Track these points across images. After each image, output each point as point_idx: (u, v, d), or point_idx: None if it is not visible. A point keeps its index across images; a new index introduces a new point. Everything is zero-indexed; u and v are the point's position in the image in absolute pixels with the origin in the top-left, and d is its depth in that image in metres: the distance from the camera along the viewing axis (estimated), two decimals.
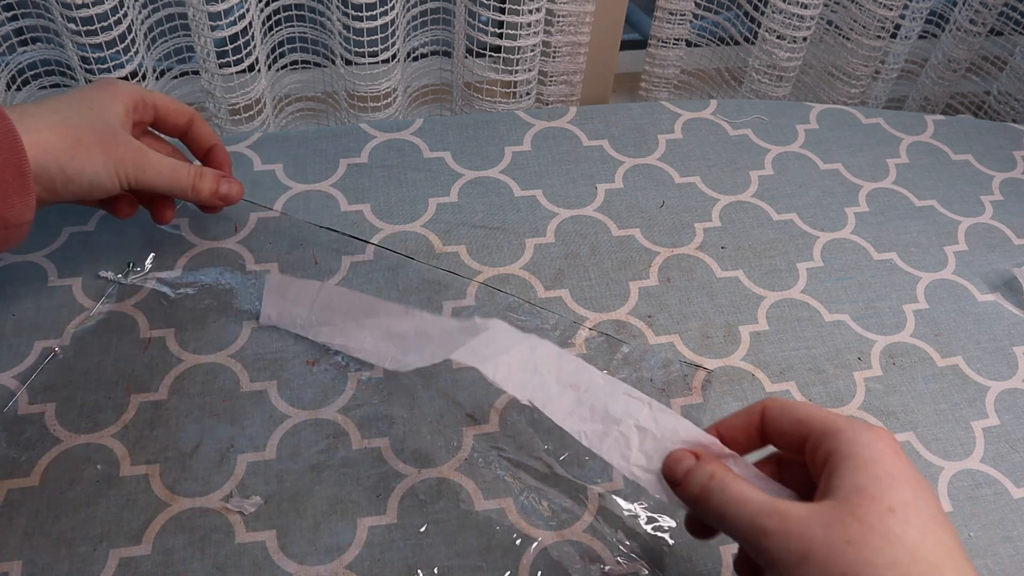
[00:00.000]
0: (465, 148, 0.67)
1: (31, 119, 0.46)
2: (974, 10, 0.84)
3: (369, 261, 0.59)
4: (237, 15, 0.67)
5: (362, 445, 0.50)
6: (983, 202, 0.68)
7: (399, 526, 0.47)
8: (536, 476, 0.49)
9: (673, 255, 0.61)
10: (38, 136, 0.45)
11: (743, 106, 0.74)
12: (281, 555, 0.45)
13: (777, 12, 0.78)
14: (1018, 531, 0.49)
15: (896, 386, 0.55)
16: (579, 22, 0.76)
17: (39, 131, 0.46)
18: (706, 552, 0.47)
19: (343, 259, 0.59)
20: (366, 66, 0.73)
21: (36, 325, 0.54)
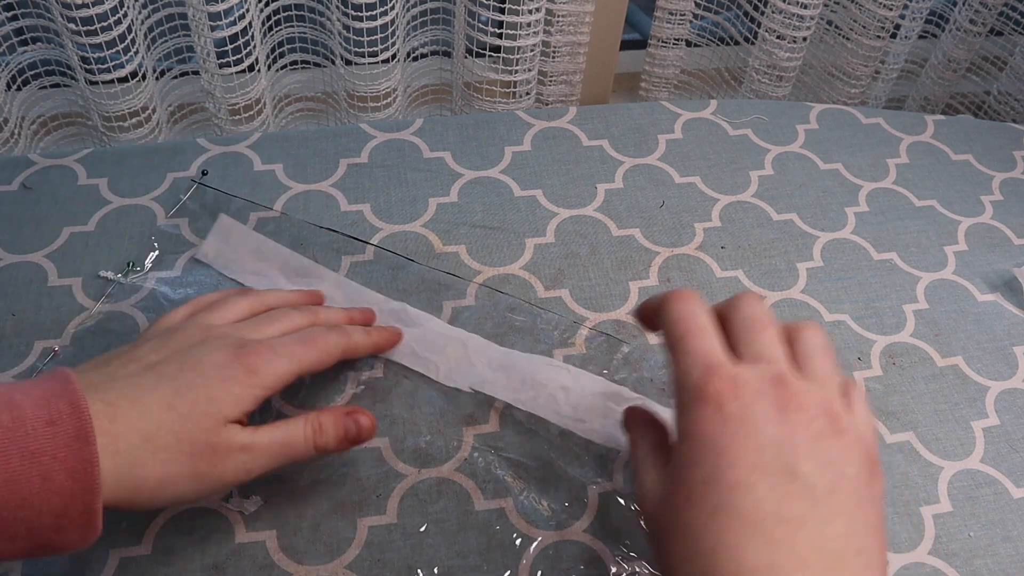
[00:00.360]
0: (465, 148, 0.68)
1: (111, 424, 0.37)
2: (974, 10, 0.84)
3: (369, 261, 0.59)
4: (237, 15, 0.67)
5: (362, 445, 0.49)
6: (983, 202, 0.68)
7: (399, 526, 0.47)
8: (536, 476, 0.49)
9: (673, 255, 0.61)
10: (115, 463, 0.37)
11: (743, 106, 0.74)
12: (281, 555, 0.45)
13: (777, 12, 0.78)
14: (1018, 531, 0.49)
15: (896, 386, 0.55)
16: (579, 22, 0.76)
17: (116, 454, 0.37)
18: None
19: (343, 259, 0.59)
20: (366, 66, 0.73)
21: (36, 325, 0.54)
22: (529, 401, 0.51)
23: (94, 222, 0.60)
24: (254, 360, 0.42)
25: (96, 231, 0.59)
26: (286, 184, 0.63)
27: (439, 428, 0.51)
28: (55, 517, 0.35)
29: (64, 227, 0.59)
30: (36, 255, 0.57)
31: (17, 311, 0.54)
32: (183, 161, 0.64)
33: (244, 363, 0.42)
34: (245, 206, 0.61)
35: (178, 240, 0.59)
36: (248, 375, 0.42)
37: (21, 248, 0.58)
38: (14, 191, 0.61)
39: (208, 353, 0.42)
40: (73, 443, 0.35)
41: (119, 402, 0.38)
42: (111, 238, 0.59)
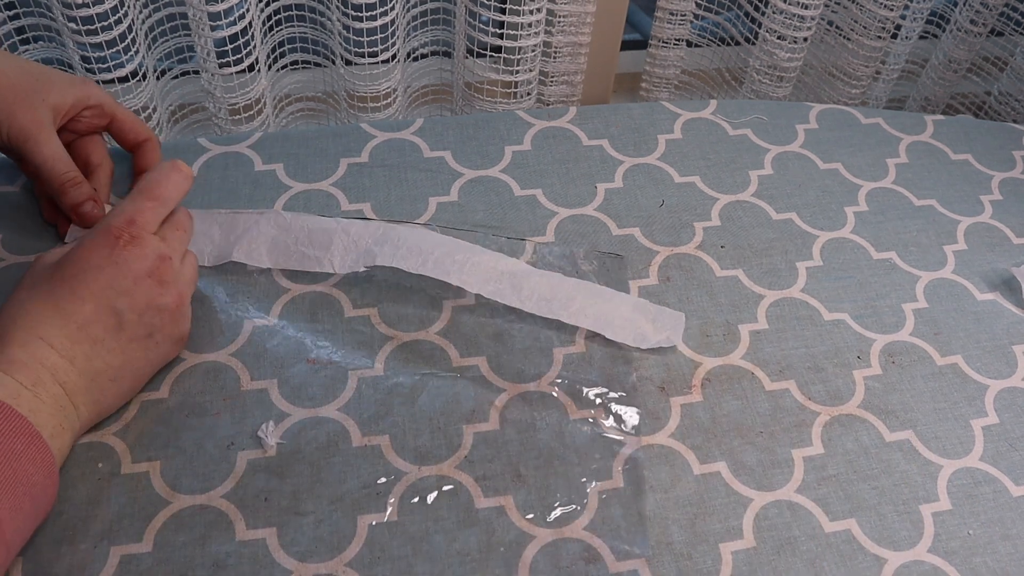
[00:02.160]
0: (465, 147, 0.68)
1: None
2: (975, 11, 0.84)
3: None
4: (237, 15, 0.67)
5: (362, 443, 0.50)
6: (983, 202, 0.68)
7: (399, 524, 0.47)
8: (537, 473, 0.49)
9: (673, 254, 0.62)
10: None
11: (743, 106, 0.74)
12: (281, 553, 0.45)
13: (778, 12, 0.78)
14: (1017, 529, 0.49)
15: (895, 385, 0.55)
16: (580, 22, 0.76)
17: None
18: (706, 551, 0.47)
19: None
20: (366, 66, 0.73)
21: None
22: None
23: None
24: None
25: None
26: (287, 184, 0.64)
27: (439, 426, 0.51)
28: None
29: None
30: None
31: None
32: (184, 161, 0.64)
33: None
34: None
35: None
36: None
37: (22, 248, 0.58)
38: (16, 191, 0.61)
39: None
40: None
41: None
42: None
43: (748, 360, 0.56)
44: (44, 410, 0.43)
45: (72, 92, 0.55)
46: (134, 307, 0.46)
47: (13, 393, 0.42)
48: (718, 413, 0.53)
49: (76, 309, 0.45)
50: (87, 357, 0.45)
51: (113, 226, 0.47)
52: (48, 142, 0.54)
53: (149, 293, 0.47)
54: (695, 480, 0.50)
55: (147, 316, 0.47)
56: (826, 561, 0.47)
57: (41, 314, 0.45)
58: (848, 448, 0.52)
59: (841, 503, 0.49)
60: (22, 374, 0.43)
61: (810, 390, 0.54)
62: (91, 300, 0.45)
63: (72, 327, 0.45)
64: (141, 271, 0.47)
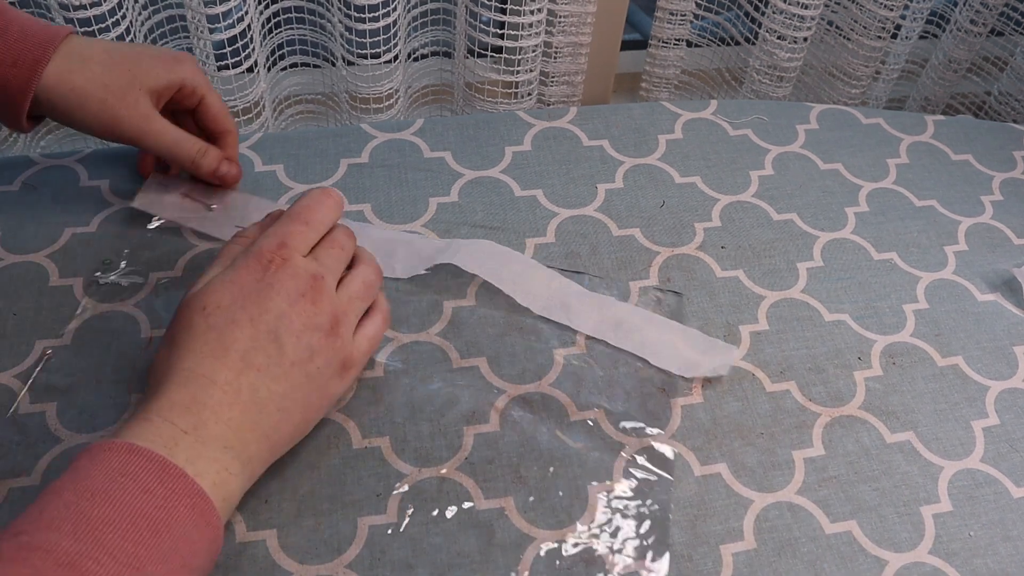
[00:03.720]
0: (465, 148, 0.68)
1: (80, 47, 0.53)
2: (975, 10, 0.84)
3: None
4: (236, 17, 0.67)
5: (362, 444, 0.50)
6: (983, 202, 0.68)
7: (399, 525, 0.47)
8: (537, 475, 0.49)
9: (673, 255, 0.62)
10: (69, 73, 0.52)
11: (743, 106, 0.74)
12: (281, 554, 0.45)
13: (777, 12, 0.78)
14: (1018, 530, 0.49)
15: (896, 386, 0.55)
16: (580, 23, 0.76)
17: (72, 70, 0.52)
18: (706, 552, 0.47)
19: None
20: (367, 67, 0.73)
21: (36, 325, 0.54)
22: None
23: (95, 223, 0.60)
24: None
25: (97, 231, 0.59)
26: (287, 184, 0.63)
27: (439, 427, 0.51)
28: None
29: (65, 227, 0.59)
30: (36, 255, 0.58)
31: (18, 311, 0.54)
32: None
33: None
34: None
35: (179, 242, 0.59)
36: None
37: (22, 248, 0.58)
38: (15, 191, 0.61)
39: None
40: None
41: (89, 43, 0.54)
42: (112, 239, 0.59)
43: (749, 361, 0.56)
44: (207, 455, 0.40)
45: (165, 75, 0.55)
46: (291, 329, 0.44)
47: (170, 441, 0.39)
48: (719, 414, 0.53)
49: (236, 336, 0.43)
50: (252, 388, 0.43)
51: (264, 249, 0.46)
52: (162, 130, 0.55)
53: (304, 313, 0.44)
54: (695, 481, 0.50)
55: (305, 337, 0.44)
56: (827, 563, 0.47)
57: (201, 350, 0.43)
58: (849, 449, 0.52)
59: (842, 504, 0.49)
60: (182, 417, 0.40)
61: (811, 391, 0.54)
62: (249, 326, 0.43)
63: (234, 356, 0.43)
64: (295, 292, 0.45)
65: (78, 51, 0.53)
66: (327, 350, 0.45)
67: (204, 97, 0.58)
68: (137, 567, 0.35)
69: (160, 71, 0.55)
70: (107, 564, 0.34)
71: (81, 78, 0.52)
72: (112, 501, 0.36)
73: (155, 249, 0.58)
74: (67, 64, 0.52)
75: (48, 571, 0.33)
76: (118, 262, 0.57)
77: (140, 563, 0.35)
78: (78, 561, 0.33)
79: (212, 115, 0.58)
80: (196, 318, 0.44)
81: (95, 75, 0.53)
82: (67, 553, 0.33)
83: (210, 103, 0.58)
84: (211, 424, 0.41)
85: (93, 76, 0.52)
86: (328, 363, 0.45)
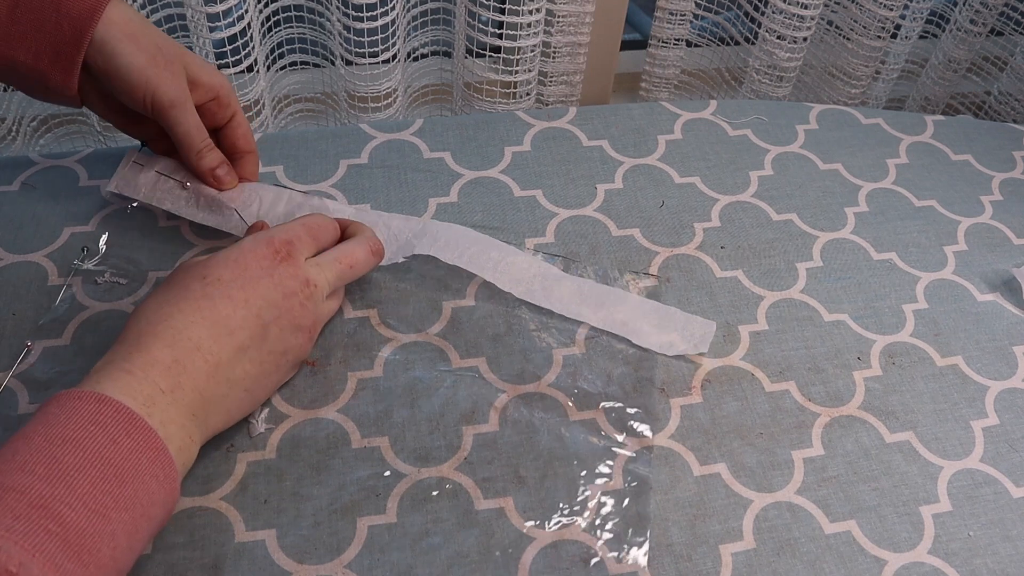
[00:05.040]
0: (465, 148, 0.68)
1: (137, 17, 0.52)
2: (974, 10, 0.84)
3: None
4: (236, 16, 0.67)
5: (362, 444, 0.50)
6: (983, 202, 0.68)
7: (399, 525, 0.47)
8: (536, 475, 0.49)
9: (673, 255, 0.62)
10: (129, 21, 0.51)
11: (743, 106, 0.74)
12: (280, 554, 0.45)
13: (777, 12, 0.78)
14: (1018, 530, 0.49)
15: (896, 386, 0.55)
16: (579, 22, 0.76)
17: (132, 20, 0.51)
18: (706, 552, 0.47)
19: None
20: (366, 67, 0.73)
21: (36, 325, 0.54)
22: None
23: (95, 222, 0.60)
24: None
25: (97, 231, 0.59)
26: (286, 185, 0.63)
27: (439, 427, 0.51)
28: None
29: (64, 227, 0.59)
30: (36, 255, 0.58)
31: (17, 311, 0.54)
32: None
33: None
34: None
35: (179, 241, 0.59)
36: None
37: (21, 248, 0.58)
38: (15, 191, 0.61)
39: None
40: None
41: (142, 20, 0.53)
42: (112, 238, 0.59)
43: (748, 361, 0.56)
44: (177, 419, 0.42)
45: (207, 74, 0.56)
46: (279, 322, 0.47)
47: (148, 399, 0.41)
48: (718, 414, 0.53)
49: (230, 313, 0.45)
50: (230, 363, 0.45)
51: (275, 239, 0.48)
52: (189, 110, 0.55)
53: (293, 312, 0.47)
54: (695, 481, 0.50)
55: (287, 333, 0.47)
56: (826, 562, 0.47)
57: (192, 314, 0.44)
58: (848, 449, 0.52)
59: (841, 504, 0.49)
60: (162, 377, 0.42)
61: (810, 391, 0.54)
62: (244, 307, 0.45)
63: (222, 330, 0.44)
64: (291, 289, 0.47)
65: (134, 12, 0.53)
66: (298, 349, 0.49)
67: (236, 113, 0.58)
68: (104, 514, 0.36)
69: (204, 70, 0.56)
70: (78, 509, 0.35)
71: (138, 28, 0.52)
72: (82, 448, 0.37)
73: (133, 236, 0.58)
74: (128, 13, 0.52)
75: (22, 511, 0.34)
76: (96, 249, 0.57)
77: (106, 510, 0.36)
78: (51, 504, 0.35)
79: (241, 133, 0.59)
80: (194, 283, 0.45)
81: (152, 34, 0.53)
82: (40, 495, 0.35)
83: (240, 120, 0.59)
84: (187, 389, 0.42)
85: (150, 33, 0.52)
86: (296, 360, 0.50)
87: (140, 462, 0.39)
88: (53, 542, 0.34)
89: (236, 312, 0.45)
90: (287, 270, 0.47)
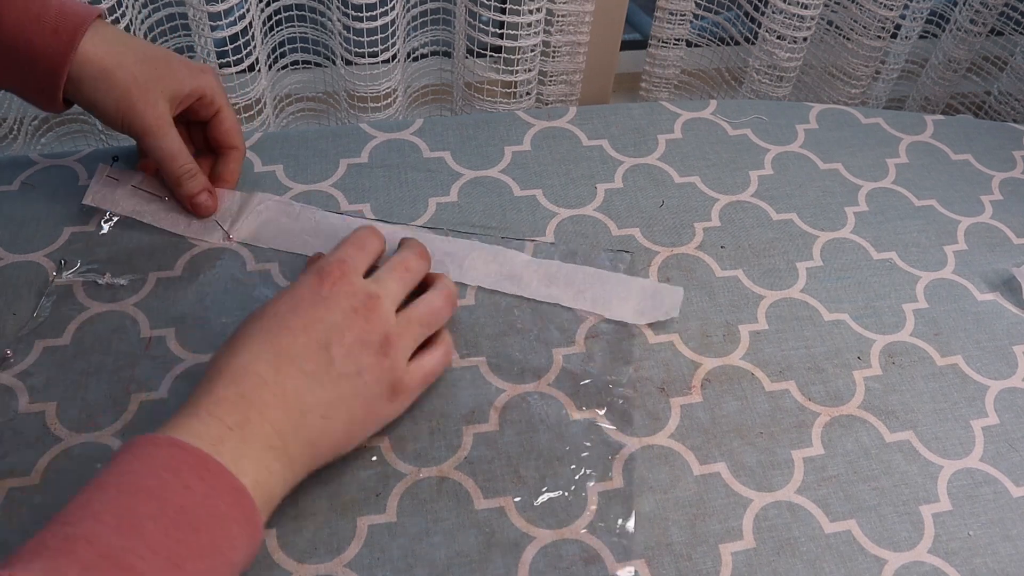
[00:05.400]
0: (465, 148, 0.68)
1: (114, 32, 0.54)
2: (974, 10, 0.84)
3: None
4: (237, 15, 0.67)
5: (362, 444, 0.50)
6: (983, 202, 0.68)
7: (399, 525, 0.47)
8: (536, 475, 0.49)
9: (673, 255, 0.62)
10: (105, 54, 0.53)
11: (743, 106, 0.74)
12: (280, 554, 0.45)
13: (777, 12, 0.78)
14: (1018, 530, 0.49)
15: (896, 385, 0.55)
16: (579, 22, 0.76)
17: (109, 52, 0.53)
18: (705, 551, 0.47)
19: None
20: (366, 66, 0.73)
21: (36, 325, 0.54)
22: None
23: (95, 222, 0.60)
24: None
25: (97, 231, 0.59)
26: (287, 185, 0.63)
27: (439, 427, 0.51)
28: None
29: (64, 227, 0.59)
30: (36, 255, 0.58)
31: (17, 311, 0.54)
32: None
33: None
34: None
35: (179, 241, 0.59)
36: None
37: (21, 248, 0.58)
38: (14, 191, 0.61)
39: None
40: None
41: (120, 35, 0.54)
42: (112, 239, 0.59)
43: (748, 361, 0.56)
44: (250, 454, 0.41)
45: (189, 82, 0.56)
46: (342, 342, 0.45)
47: (216, 438, 0.40)
48: (718, 414, 0.53)
49: (288, 343, 0.45)
50: (297, 392, 0.44)
51: (325, 266, 0.48)
52: (166, 136, 0.55)
53: (356, 329, 0.46)
54: (695, 481, 0.50)
55: (355, 351, 0.46)
56: (826, 562, 0.47)
57: (253, 351, 0.44)
58: (848, 449, 0.52)
59: (841, 504, 0.49)
60: (229, 414, 0.41)
61: (810, 391, 0.54)
62: (302, 333, 0.45)
63: (284, 360, 0.44)
64: (348, 307, 0.46)
65: (112, 36, 0.54)
66: (375, 368, 0.46)
67: (220, 110, 0.59)
68: (178, 564, 0.35)
69: (185, 77, 0.56)
70: (149, 559, 0.34)
71: (112, 62, 0.53)
72: (153, 496, 0.36)
73: (133, 236, 0.58)
74: (103, 45, 0.53)
75: (91, 562, 0.33)
76: (74, 261, 0.57)
77: (181, 560, 0.35)
78: (121, 555, 0.34)
79: (224, 129, 0.59)
80: (254, 322, 0.46)
81: (126, 63, 0.53)
82: (110, 546, 0.34)
83: (224, 117, 0.59)
84: (256, 422, 0.42)
85: (124, 64, 0.53)
86: (377, 381, 0.46)
87: (216, 507, 0.38)
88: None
89: (296, 340, 0.45)
90: (342, 289, 0.47)
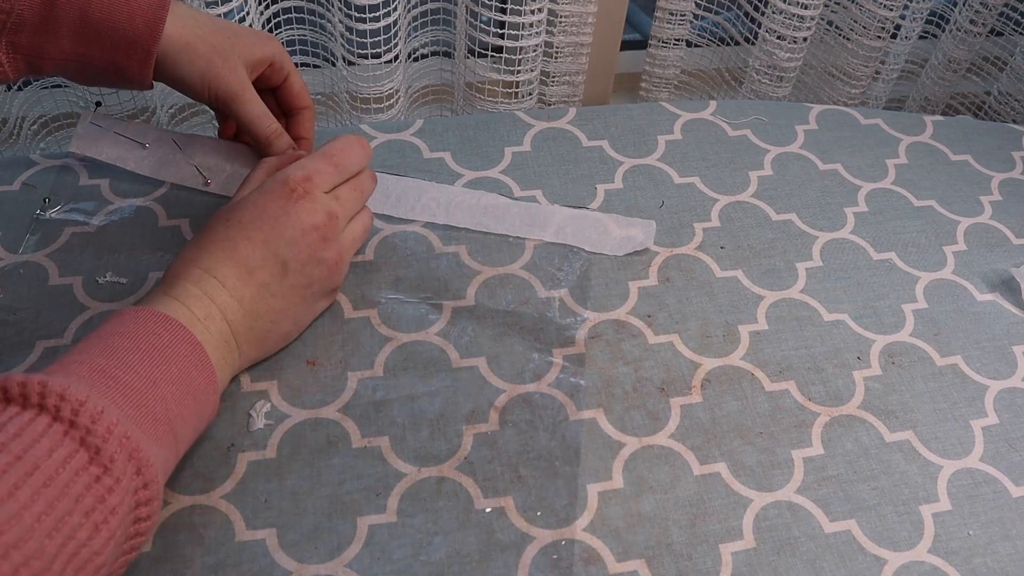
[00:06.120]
0: (465, 148, 0.68)
1: (186, 9, 0.56)
2: (974, 10, 0.84)
3: (368, 260, 0.59)
4: (238, 17, 0.67)
5: (362, 444, 0.50)
6: (982, 202, 0.68)
7: (399, 525, 0.47)
8: (535, 475, 0.49)
9: (672, 255, 0.62)
10: (183, 28, 0.55)
11: (742, 107, 0.74)
12: (281, 553, 0.45)
13: (777, 12, 0.78)
14: (1017, 530, 0.49)
15: (895, 385, 0.55)
16: (581, 22, 0.76)
17: (186, 26, 0.55)
18: (706, 551, 0.47)
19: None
20: (368, 67, 0.73)
21: (36, 325, 0.54)
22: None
23: (95, 222, 0.60)
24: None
25: (97, 231, 0.59)
26: None
27: (439, 427, 0.51)
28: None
29: (65, 227, 0.59)
30: (36, 255, 0.58)
31: (18, 311, 0.54)
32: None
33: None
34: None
35: (180, 239, 0.59)
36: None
37: (22, 248, 0.58)
38: (15, 191, 0.61)
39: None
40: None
41: (197, 14, 0.57)
42: (112, 238, 0.59)
43: (748, 361, 0.56)
44: (211, 342, 0.46)
45: (260, 48, 0.58)
46: (298, 257, 0.50)
47: (187, 321, 0.45)
48: (718, 414, 0.53)
49: (248, 254, 0.48)
50: (253, 299, 0.48)
51: (291, 178, 0.51)
52: (252, 99, 0.58)
53: (313, 246, 0.50)
54: (695, 481, 0.50)
55: (308, 267, 0.50)
56: (826, 562, 0.47)
57: (216, 256, 0.48)
58: (848, 449, 0.52)
59: (841, 504, 0.49)
60: (196, 306, 0.46)
61: (810, 391, 0.55)
62: (262, 246, 0.49)
63: (242, 269, 0.48)
64: (309, 225, 0.50)
65: (184, 11, 0.56)
66: (323, 280, 0.52)
67: (289, 75, 0.61)
68: (154, 381, 0.42)
69: (255, 44, 0.58)
70: (131, 375, 0.41)
71: (193, 35, 0.55)
72: (131, 337, 0.43)
73: (133, 236, 0.58)
74: (180, 21, 0.55)
75: (84, 374, 0.40)
76: (58, 200, 0.59)
77: (156, 380, 0.42)
78: (108, 369, 0.41)
79: (296, 92, 0.62)
80: (218, 227, 0.50)
81: (205, 34, 0.56)
82: (98, 365, 0.41)
83: (294, 81, 0.62)
84: (217, 319, 0.47)
85: (203, 35, 0.55)
86: (322, 290, 0.53)
87: (181, 350, 0.44)
88: (112, 392, 0.40)
89: (255, 252, 0.49)
90: (304, 207, 0.50)
